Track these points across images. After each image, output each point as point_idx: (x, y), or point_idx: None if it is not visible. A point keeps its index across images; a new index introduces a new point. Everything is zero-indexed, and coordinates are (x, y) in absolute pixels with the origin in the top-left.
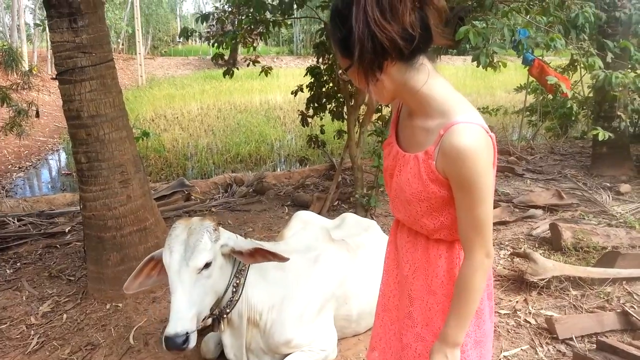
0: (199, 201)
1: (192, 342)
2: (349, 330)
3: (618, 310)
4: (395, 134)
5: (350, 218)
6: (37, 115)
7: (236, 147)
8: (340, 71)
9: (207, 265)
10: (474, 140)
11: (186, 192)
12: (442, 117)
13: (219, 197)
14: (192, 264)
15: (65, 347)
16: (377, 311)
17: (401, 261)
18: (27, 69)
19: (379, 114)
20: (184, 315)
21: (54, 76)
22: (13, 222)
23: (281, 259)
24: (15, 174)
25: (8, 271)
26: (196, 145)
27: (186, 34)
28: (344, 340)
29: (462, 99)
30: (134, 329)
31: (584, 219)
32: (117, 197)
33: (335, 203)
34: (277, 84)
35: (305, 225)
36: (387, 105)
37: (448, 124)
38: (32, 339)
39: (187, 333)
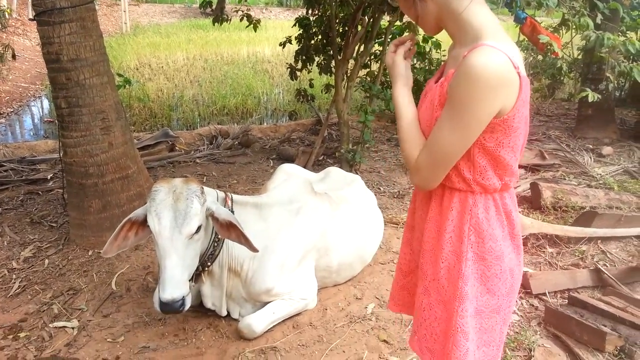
0: (183, 152)
1: (188, 304)
2: (329, 280)
3: (591, 268)
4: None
5: (334, 172)
6: (14, 57)
7: (222, 99)
8: None
9: (198, 229)
10: (487, 62)
11: (170, 143)
12: (473, 42)
13: (203, 148)
14: (185, 231)
15: (47, 292)
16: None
17: (418, 209)
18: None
19: (367, 69)
20: (178, 280)
21: (32, 17)
22: None
23: (252, 248)
24: None
25: None
26: (181, 96)
27: None
28: (324, 290)
29: (501, 30)
30: (116, 275)
31: (565, 179)
32: (99, 144)
33: (321, 158)
34: (265, 36)
35: (288, 178)
36: (376, 61)
37: (474, 46)
38: (14, 282)
39: (182, 296)
